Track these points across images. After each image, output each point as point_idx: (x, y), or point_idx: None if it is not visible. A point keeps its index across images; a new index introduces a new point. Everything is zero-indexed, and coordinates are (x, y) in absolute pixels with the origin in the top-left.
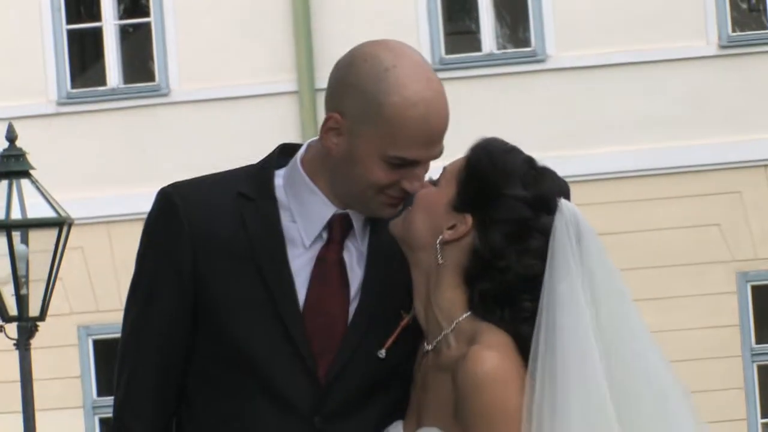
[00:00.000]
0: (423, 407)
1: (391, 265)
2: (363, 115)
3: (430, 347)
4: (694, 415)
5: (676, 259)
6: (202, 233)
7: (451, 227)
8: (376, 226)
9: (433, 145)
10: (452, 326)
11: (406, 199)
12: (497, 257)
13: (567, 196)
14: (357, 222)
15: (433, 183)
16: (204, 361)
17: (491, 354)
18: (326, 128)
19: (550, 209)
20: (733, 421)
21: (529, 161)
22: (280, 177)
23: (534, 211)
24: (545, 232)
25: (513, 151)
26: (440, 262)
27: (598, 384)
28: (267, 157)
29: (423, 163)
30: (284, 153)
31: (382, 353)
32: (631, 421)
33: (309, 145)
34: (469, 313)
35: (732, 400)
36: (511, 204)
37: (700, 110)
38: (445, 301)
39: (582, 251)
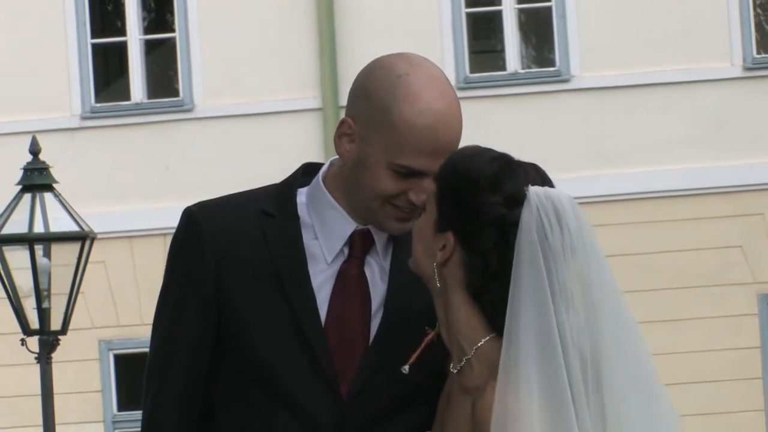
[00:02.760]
0: (445, 422)
1: (415, 282)
2: (373, 121)
3: (455, 371)
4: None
5: (698, 281)
6: (226, 251)
7: (442, 248)
8: (400, 243)
9: (441, 156)
10: (473, 351)
11: (413, 212)
12: (488, 263)
13: (539, 183)
14: (379, 238)
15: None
16: (228, 378)
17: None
18: (339, 133)
19: (522, 202)
20: None
21: (496, 159)
22: (302, 195)
23: (508, 208)
24: None
25: (478, 155)
26: (438, 285)
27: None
28: (290, 176)
29: (430, 175)
30: (307, 172)
31: (406, 369)
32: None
33: (331, 163)
34: (488, 337)
35: (751, 422)
36: (484, 209)
37: (723, 131)
38: (461, 324)
39: (565, 232)
